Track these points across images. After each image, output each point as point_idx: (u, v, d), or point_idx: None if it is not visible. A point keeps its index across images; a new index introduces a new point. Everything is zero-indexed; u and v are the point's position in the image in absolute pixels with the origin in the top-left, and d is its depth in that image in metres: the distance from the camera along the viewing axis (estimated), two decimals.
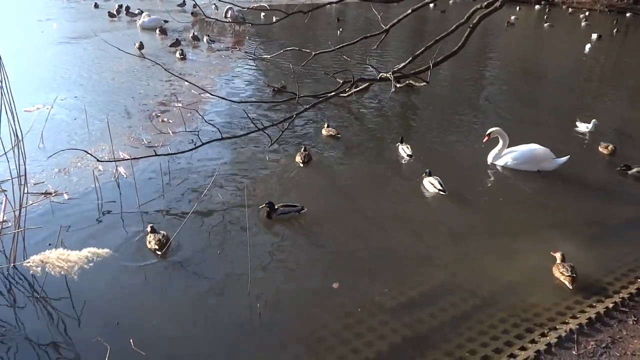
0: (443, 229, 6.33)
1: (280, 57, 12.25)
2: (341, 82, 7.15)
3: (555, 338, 4.46)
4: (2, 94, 5.31)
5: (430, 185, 7.19)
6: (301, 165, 7.77)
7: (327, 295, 5.03)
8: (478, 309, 4.89)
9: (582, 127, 9.84)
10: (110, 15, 20.01)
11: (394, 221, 6.49)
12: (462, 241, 6.09)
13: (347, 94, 9.17)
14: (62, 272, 3.05)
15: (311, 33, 19.74)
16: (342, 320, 4.69)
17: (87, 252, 3.04)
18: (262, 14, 21.41)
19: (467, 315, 4.81)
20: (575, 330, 4.57)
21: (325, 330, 4.57)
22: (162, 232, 5.68)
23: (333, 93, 7.17)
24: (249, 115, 9.21)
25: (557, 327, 4.64)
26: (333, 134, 9.07)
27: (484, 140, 8.19)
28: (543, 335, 4.54)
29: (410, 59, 7.62)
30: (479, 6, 7.52)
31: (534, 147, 8.07)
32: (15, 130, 5.42)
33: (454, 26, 7.46)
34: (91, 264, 3.20)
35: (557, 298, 5.07)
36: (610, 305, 4.90)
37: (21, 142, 5.51)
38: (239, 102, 9.03)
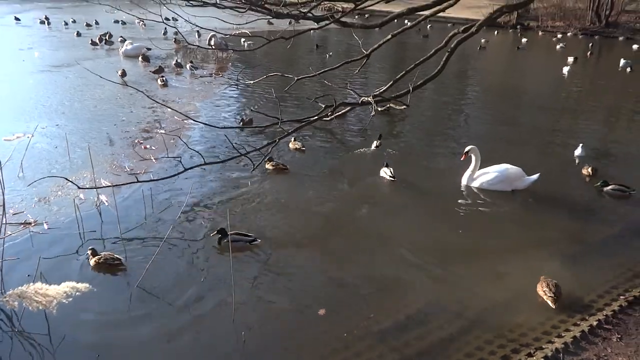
0: (426, 250, 6.35)
1: (263, 83, 12.37)
2: (323, 106, 7.24)
3: (542, 358, 4.46)
4: None
5: (385, 173, 8.21)
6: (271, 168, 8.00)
7: (313, 321, 4.98)
8: (464, 331, 4.88)
9: (577, 151, 9.77)
10: (93, 43, 20.01)
11: (375, 243, 6.49)
12: (445, 262, 6.11)
13: (329, 118, 9.28)
14: (40, 307, 2.96)
15: (293, 59, 19.97)
16: (329, 345, 4.64)
17: (65, 286, 2.98)
18: (243, 40, 21.64)
19: (454, 337, 4.79)
20: (561, 350, 4.57)
21: (312, 356, 4.51)
22: (104, 253, 5.72)
23: (315, 117, 7.24)
24: (232, 140, 9.25)
25: (543, 346, 4.64)
26: (299, 147, 9.53)
27: (461, 159, 8.30)
28: (529, 355, 4.53)
29: (391, 83, 7.74)
30: (456, 31, 7.72)
31: (506, 167, 8.20)
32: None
33: (433, 50, 7.62)
34: (70, 299, 3.12)
35: (542, 317, 5.08)
36: (594, 323, 4.92)
37: (0, 172, 5.45)
38: (221, 128, 9.06)
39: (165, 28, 23.20)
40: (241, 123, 11.11)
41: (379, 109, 7.72)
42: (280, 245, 6.32)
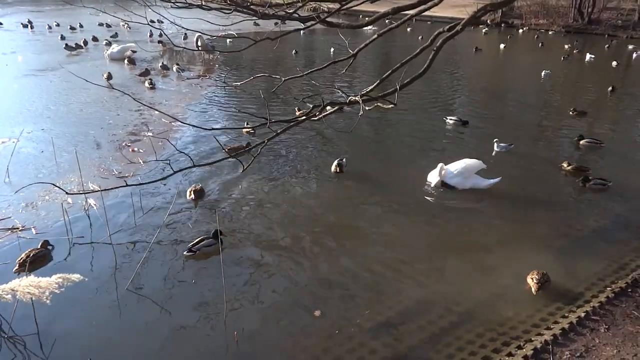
0: (413, 246, 6.41)
1: (250, 84, 12.35)
2: (311, 106, 7.26)
3: (531, 350, 4.52)
4: None
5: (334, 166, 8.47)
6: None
7: (304, 320, 5.00)
8: (455, 325, 4.94)
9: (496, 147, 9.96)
10: (68, 48, 19.55)
11: (361, 241, 6.53)
12: (434, 257, 6.18)
13: (317, 118, 9.30)
14: (34, 298, 2.99)
15: (280, 60, 19.96)
16: (322, 344, 4.67)
17: (56, 277, 3.01)
18: (229, 41, 21.59)
19: (445, 332, 4.85)
20: (550, 341, 4.64)
21: (304, 355, 4.53)
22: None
23: (304, 117, 7.25)
24: (221, 142, 9.24)
25: (533, 339, 4.71)
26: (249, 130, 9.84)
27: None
28: (519, 347, 4.60)
29: (378, 82, 7.78)
30: (441, 30, 7.79)
31: (465, 161, 8.29)
32: None
33: (419, 49, 7.66)
34: (62, 289, 3.15)
35: (531, 310, 5.16)
36: (582, 315, 5.00)
37: None
38: (210, 130, 9.02)
39: (151, 30, 23.08)
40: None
41: (367, 108, 7.76)
42: (270, 246, 6.33)
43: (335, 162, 8.48)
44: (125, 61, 17.64)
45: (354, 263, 6.02)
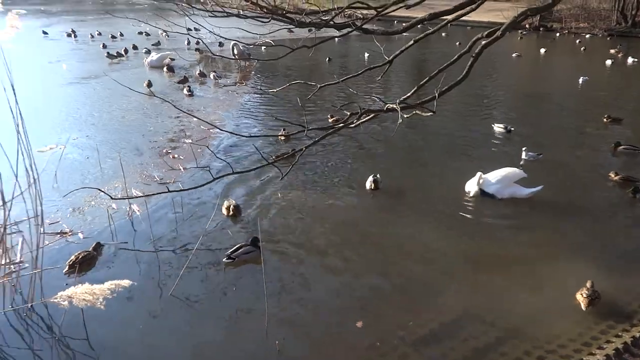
0: (454, 258, 6.29)
1: (286, 91, 12.44)
2: (348, 114, 7.26)
3: None
4: (18, 136, 5.42)
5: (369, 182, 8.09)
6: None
7: (347, 331, 4.97)
8: (501, 341, 4.81)
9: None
10: (109, 56, 20.21)
11: (404, 251, 6.45)
12: (476, 269, 6.05)
13: (354, 125, 9.27)
14: (88, 305, 3.11)
15: (314, 67, 20.02)
16: (364, 355, 4.62)
17: (109, 284, 3.12)
18: (264, 47, 21.82)
19: (490, 348, 4.72)
20: None
21: None
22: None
23: (341, 125, 7.25)
24: (259, 149, 9.33)
25: (584, 358, 4.54)
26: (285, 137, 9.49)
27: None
28: None
29: (415, 88, 7.70)
30: (480, 35, 7.67)
31: (506, 169, 8.11)
32: (31, 171, 5.51)
33: (457, 56, 7.56)
34: (114, 295, 3.25)
35: (581, 328, 4.98)
36: (638, 335, 4.79)
37: (37, 183, 5.59)
38: (248, 137, 9.14)
39: (188, 38, 23.51)
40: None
41: (405, 115, 7.69)
42: (308, 255, 6.33)
43: (371, 179, 8.22)
44: (164, 69, 18.04)
45: (394, 274, 5.95)
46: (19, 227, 6.00)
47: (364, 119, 10.14)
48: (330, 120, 11.59)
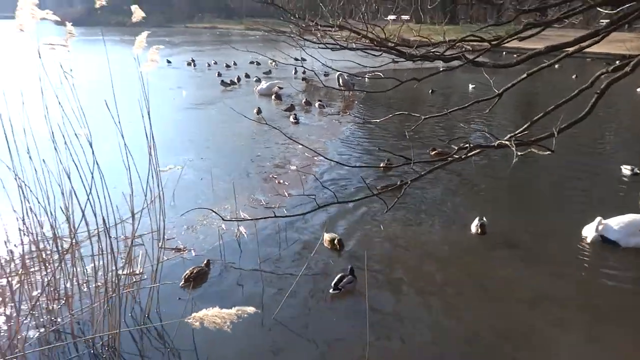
0: (571, 306, 5.82)
1: (388, 122, 12.48)
2: (455, 148, 7.11)
3: None
4: (150, 156, 5.96)
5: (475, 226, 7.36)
6: None
7: None
8: None
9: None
10: (223, 84, 21.62)
11: (511, 297, 6.09)
12: (595, 320, 5.55)
13: (462, 160, 9.04)
14: (217, 327, 3.36)
15: (416, 99, 19.92)
16: None
17: (235, 309, 3.34)
18: (367, 78, 22.15)
19: None
20: None
21: None
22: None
23: (450, 160, 7.12)
24: (358, 179, 9.42)
25: None
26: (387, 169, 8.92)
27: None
28: None
29: (528, 124, 7.36)
30: (604, 70, 7.16)
31: (632, 215, 7.35)
32: (157, 189, 6.01)
33: (577, 91, 7.13)
34: (240, 320, 3.46)
35: None
36: None
37: (162, 201, 6.09)
38: (352, 167, 9.26)
39: (295, 68, 24.58)
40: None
41: (519, 153, 7.37)
42: (414, 290, 6.21)
43: (477, 222, 7.73)
44: (273, 97, 18.97)
45: (499, 320, 5.64)
46: (142, 239, 6.53)
47: (472, 153, 9.84)
48: (432, 153, 11.41)
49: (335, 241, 7.20)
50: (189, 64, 28.85)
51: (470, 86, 21.63)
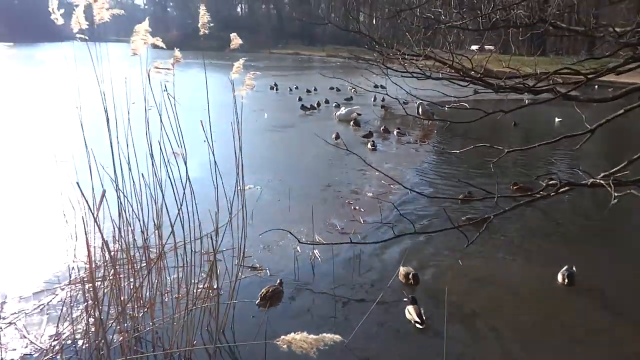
0: None
1: (468, 153, 12.16)
2: (544, 184, 6.77)
3: None
4: (237, 175, 6.19)
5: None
6: None
7: None
8: None
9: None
10: (303, 108, 22.14)
11: (608, 351, 5.61)
12: None
13: (549, 197, 8.59)
14: (304, 352, 3.42)
15: (495, 130, 19.28)
16: None
17: (322, 337, 3.37)
18: (447, 107, 21.80)
19: None
20: None
21: None
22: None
23: (538, 196, 6.79)
24: (436, 211, 9.19)
25: None
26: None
27: None
28: None
29: (626, 162, 6.88)
30: None
31: None
32: (241, 207, 6.21)
33: None
34: (326, 347, 3.49)
35: None
36: None
37: (244, 218, 6.28)
38: (430, 197, 9.07)
39: (375, 95, 24.72)
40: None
41: (617, 194, 6.88)
42: (495, 332, 5.90)
43: (565, 272, 7.09)
44: (351, 123, 19.14)
45: None
46: (223, 255, 6.74)
47: (561, 191, 9.31)
48: (513, 188, 10.95)
49: (410, 275, 6.99)
50: (271, 88, 29.89)
51: (557, 120, 20.66)
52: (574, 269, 7.16)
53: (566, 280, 7.05)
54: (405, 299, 6.27)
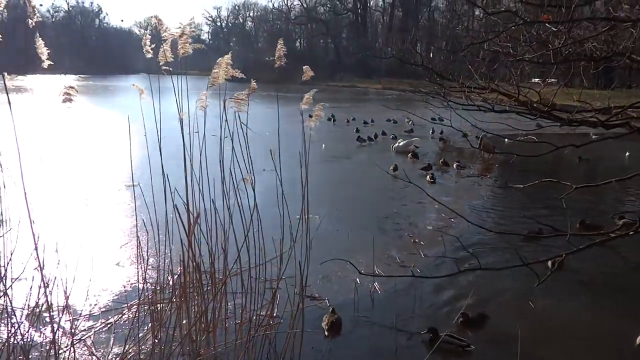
0: None
1: (532, 188, 11.75)
2: (620, 223, 6.45)
3: None
4: (302, 203, 6.28)
5: None
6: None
7: None
8: None
9: None
10: (360, 140, 22.23)
11: None
12: None
13: (627, 236, 8.13)
14: None
15: (557, 164, 18.51)
16: None
17: None
18: (507, 140, 21.24)
19: None
20: None
21: None
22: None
23: (613, 235, 6.47)
24: (505, 247, 8.87)
25: None
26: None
27: None
28: None
29: None
30: None
31: None
32: (305, 237, 6.26)
33: None
34: None
35: None
36: None
37: (307, 247, 6.32)
38: (496, 232, 8.80)
39: (433, 127, 24.52)
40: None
41: None
42: None
43: None
44: (409, 155, 19.01)
45: None
46: (285, 282, 6.78)
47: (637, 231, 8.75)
48: (577, 226, 10.40)
49: (474, 315, 6.70)
50: (329, 119, 30.30)
51: (627, 154, 19.64)
52: None
53: None
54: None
